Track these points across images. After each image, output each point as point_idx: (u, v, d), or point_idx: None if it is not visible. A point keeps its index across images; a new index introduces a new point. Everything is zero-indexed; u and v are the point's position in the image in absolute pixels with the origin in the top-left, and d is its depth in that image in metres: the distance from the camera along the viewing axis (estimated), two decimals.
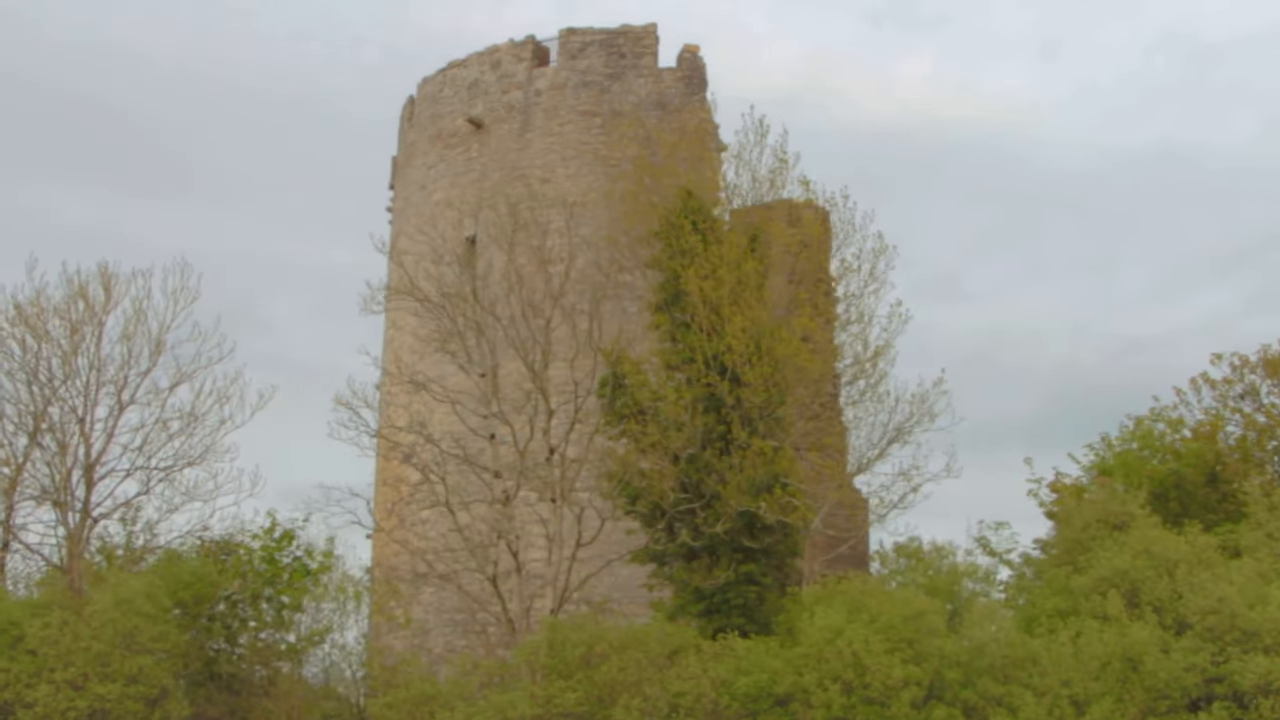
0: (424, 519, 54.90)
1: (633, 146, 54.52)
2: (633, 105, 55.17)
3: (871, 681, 36.24)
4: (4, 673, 42.91)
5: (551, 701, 39.03)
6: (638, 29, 56.06)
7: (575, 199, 54.03)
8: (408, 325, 57.43)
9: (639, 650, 39.68)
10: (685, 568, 44.10)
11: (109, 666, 42.78)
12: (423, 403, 55.58)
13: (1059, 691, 36.05)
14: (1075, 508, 43.63)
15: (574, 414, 45.11)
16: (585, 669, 39.80)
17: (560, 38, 56.59)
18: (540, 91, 56.08)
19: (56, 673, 42.52)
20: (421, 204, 58.20)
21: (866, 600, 38.53)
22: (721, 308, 43.97)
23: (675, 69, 55.67)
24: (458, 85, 58.14)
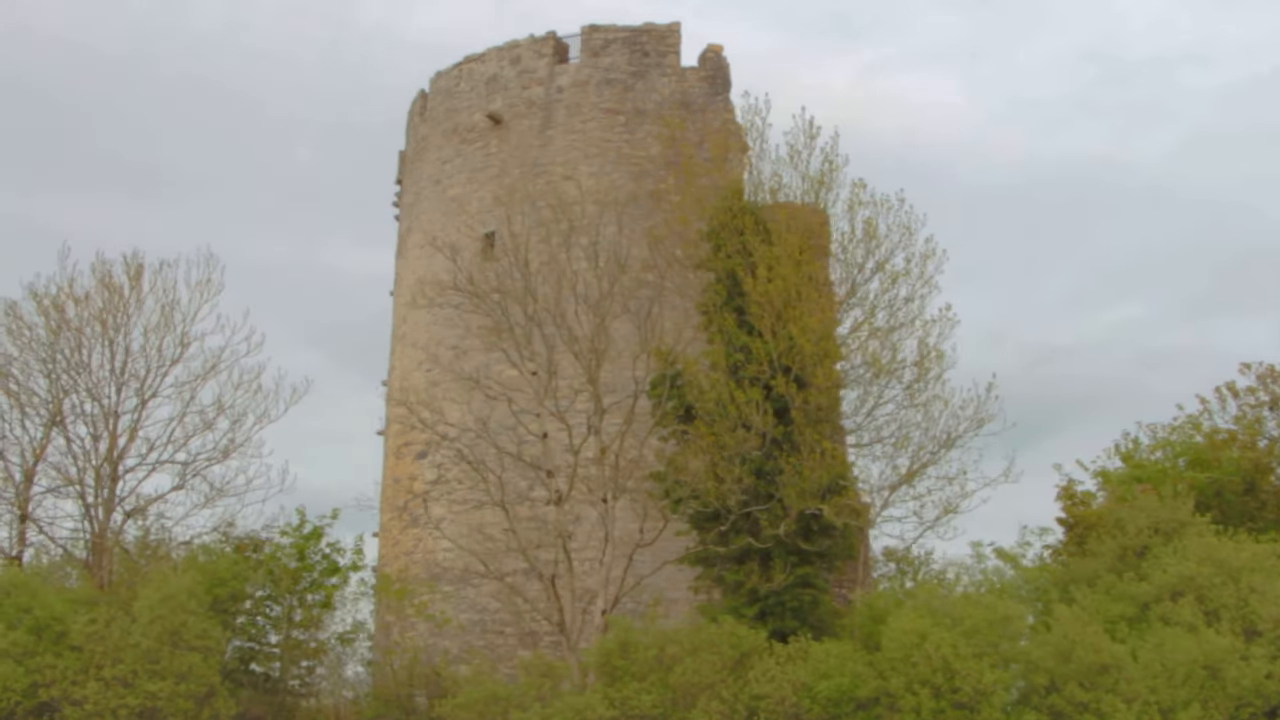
0: (439, 518, 54.36)
1: (657, 145, 54.44)
2: (656, 104, 55.00)
3: (962, 686, 36.38)
4: (50, 669, 42.09)
5: (626, 703, 38.90)
6: (661, 27, 55.92)
7: (599, 197, 53.70)
8: (420, 322, 56.89)
9: (711, 653, 39.60)
10: (738, 570, 44.11)
11: (158, 664, 42.10)
12: (439, 398, 55.20)
13: (1147, 698, 36.33)
14: (1127, 515, 43.95)
15: (628, 413, 44.74)
16: (658, 671, 39.67)
17: (583, 34, 56.29)
18: (562, 88, 55.77)
19: (105, 670, 41.78)
20: (436, 199, 57.70)
21: (950, 605, 38.68)
22: (785, 308, 44.02)
23: (699, 69, 55.54)
24: (475, 80, 57.67)
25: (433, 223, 57.56)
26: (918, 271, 45.39)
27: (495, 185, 55.98)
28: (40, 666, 42.10)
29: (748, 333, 44.95)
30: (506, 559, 51.90)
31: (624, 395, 45.89)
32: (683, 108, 55.01)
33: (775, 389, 43.27)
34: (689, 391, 44.68)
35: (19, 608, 43.25)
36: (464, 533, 53.36)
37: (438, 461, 55.19)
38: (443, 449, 54.98)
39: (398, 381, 58.14)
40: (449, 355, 55.56)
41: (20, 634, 42.36)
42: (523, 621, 51.81)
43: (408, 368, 57.47)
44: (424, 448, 55.74)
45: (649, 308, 45.74)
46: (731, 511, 42.80)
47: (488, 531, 52.88)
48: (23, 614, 43.15)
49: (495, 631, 52.01)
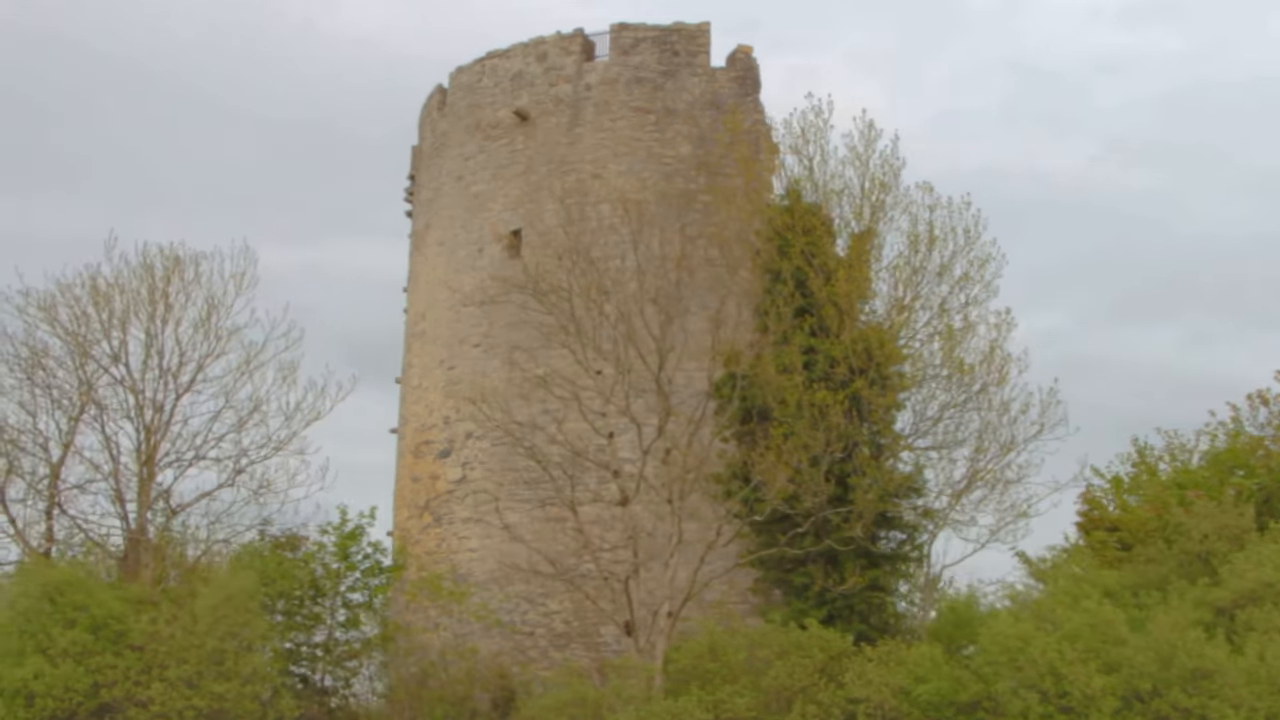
0: (465, 518, 53.73)
1: (687, 145, 54.24)
2: (687, 104, 54.73)
3: (1070, 690, 36.42)
4: (110, 669, 41.19)
5: (721, 707, 38.66)
6: (691, 27, 55.66)
7: (629, 195, 53.38)
8: (443, 319, 56.24)
9: (802, 656, 39.48)
10: (805, 572, 44.03)
11: (223, 665, 41.31)
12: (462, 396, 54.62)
13: (1253, 704, 36.58)
14: (1191, 521, 44.30)
15: (696, 414, 44.44)
16: (749, 674, 39.48)
17: (612, 33, 55.84)
18: (591, 86, 55.33)
19: (169, 670, 40.92)
20: (458, 195, 57.01)
21: (1047, 608, 38.77)
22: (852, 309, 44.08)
23: (729, 69, 55.35)
24: (499, 76, 57.08)
25: (454, 219, 56.89)
26: (978, 275, 45.39)
27: (521, 182, 55.44)
28: (101, 666, 41.24)
29: (812, 334, 44.81)
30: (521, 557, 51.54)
31: (686, 395, 45.49)
32: (713, 108, 54.78)
33: (854, 389, 43.14)
34: (758, 393, 44.42)
35: (75, 606, 42.21)
36: (492, 533, 52.77)
37: (463, 460, 54.52)
38: (466, 448, 54.44)
39: (416, 379, 57.35)
40: (474, 354, 54.91)
41: (78, 633, 41.38)
42: (553, 624, 51.30)
43: (427, 365, 56.71)
44: (446, 446, 55.06)
45: (719, 306, 45.41)
46: (810, 514, 42.57)
47: (516, 532, 52.44)
48: (79, 612, 42.13)
49: (524, 633, 51.43)
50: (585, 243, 49.36)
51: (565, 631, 51.17)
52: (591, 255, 52.38)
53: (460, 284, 56.08)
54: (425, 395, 56.45)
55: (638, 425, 44.10)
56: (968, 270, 45.14)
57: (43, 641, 41.32)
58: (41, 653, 41.10)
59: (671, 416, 44.68)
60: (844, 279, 44.39)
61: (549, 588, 51.13)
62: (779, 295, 45.44)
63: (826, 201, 46.50)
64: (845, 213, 46.49)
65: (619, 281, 46.61)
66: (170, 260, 48.86)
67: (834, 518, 43.35)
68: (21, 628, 41.74)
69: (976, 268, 45.14)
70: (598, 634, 50.97)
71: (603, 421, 45.38)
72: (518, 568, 47.93)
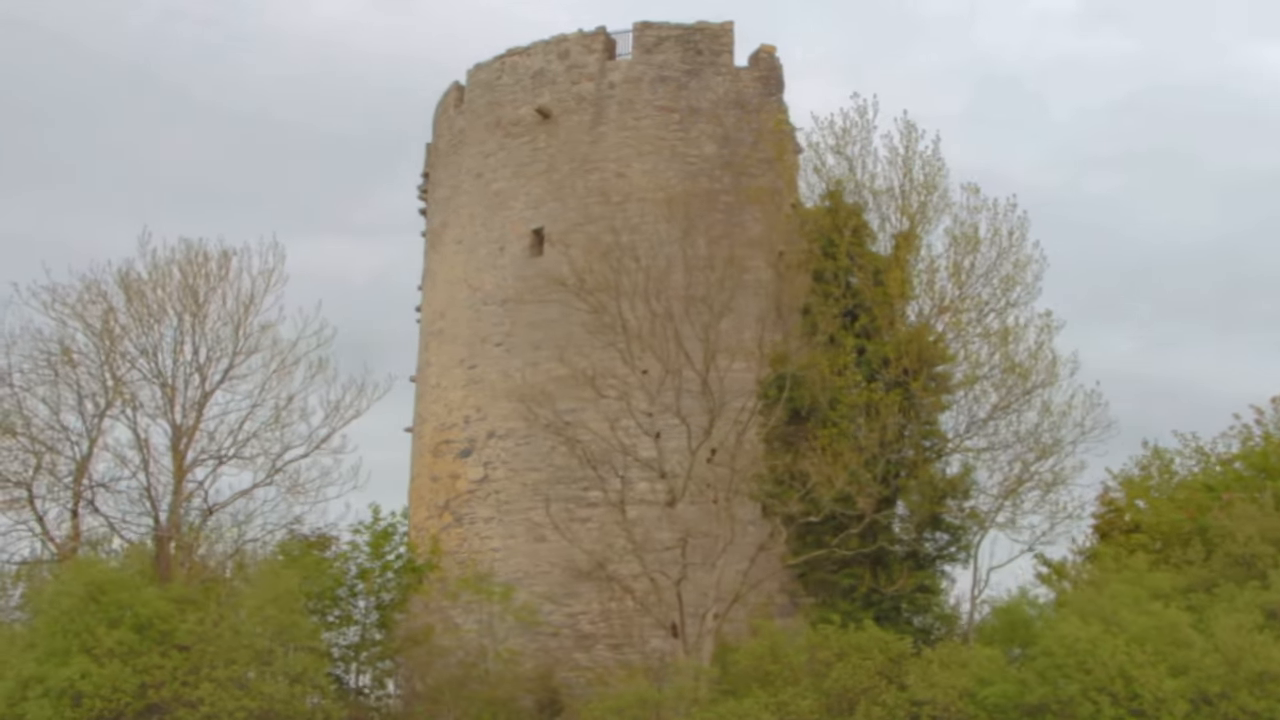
0: (487, 518, 53.34)
1: (711, 145, 54.09)
2: (711, 103, 54.55)
3: (1141, 693, 36.51)
4: (158, 669, 40.67)
5: (785, 708, 38.52)
6: (714, 26, 55.50)
7: (651, 194, 53.23)
8: (463, 318, 55.82)
9: (862, 657, 39.40)
10: (852, 574, 43.99)
11: (272, 664, 40.84)
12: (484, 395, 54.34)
13: None
14: (1234, 524, 44.49)
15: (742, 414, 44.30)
16: (810, 675, 39.36)
17: (634, 31, 55.59)
18: (614, 84, 55.05)
19: (218, 670, 40.39)
20: (478, 192, 56.59)
21: (1111, 611, 38.84)
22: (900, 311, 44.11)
23: (753, 69, 55.20)
24: (519, 73, 56.70)
25: (474, 217, 56.48)
26: (1021, 276, 45.45)
27: (544, 180, 55.11)
28: (148, 666, 40.72)
29: (858, 335, 44.78)
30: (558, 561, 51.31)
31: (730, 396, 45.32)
32: (737, 107, 54.67)
33: (908, 388, 43.15)
34: (805, 393, 44.35)
35: (119, 605, 41.64)
36: (515, 533, 52.49)
37: (484, 460, 54.13)
38: (488, 448, 54.07)
39: (434, 378, 56.88)
40: (496, 353, 54.54)
41: (123, 633, 40.81)
42: (579, 625, 50.98)
43: (446, 364, 56.24)
44: (467, 446, 54.65)
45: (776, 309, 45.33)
46: (861, 515, 42.53)
47: (540, 532, 52.18)
48: (123, 612, 41.54)
49: (549, 634, 51.03)
50: (625, 241, 49.06)
51: (591, 632, 50.85)
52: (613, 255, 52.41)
53: (481, 282, 55.69)
54: (444, 394, 55.95)
55: (687, 424, 43.86)
56: (1011, 272, 45.08)
57: (87, 641, 40.78)
58: (86, 652, 40.55)
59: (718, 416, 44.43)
60: (892, 280, 44.28)
61: (574, 588, 50.88)
62: (824, 296, 45.26)
63: (871, 202, 46.33)
64: (886, 213, 46.29)
65: (663, 281, 46.28)
66: (201, 256, 48.28)
67: (882, 519, 43.24)
68: (65, 627, 41.13)
69: (1020, 269, 45.15)
70: (625, 635, 50.68)
71: (649, 421, 44.99)
72: (573, 567, 47.38)
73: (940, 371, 44.39)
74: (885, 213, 46.56)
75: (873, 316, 44.80)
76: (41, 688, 40.09)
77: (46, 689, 40.02)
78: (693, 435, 44.02)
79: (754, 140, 54.21)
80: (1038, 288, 45.64)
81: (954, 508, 43.56)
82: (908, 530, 43.24)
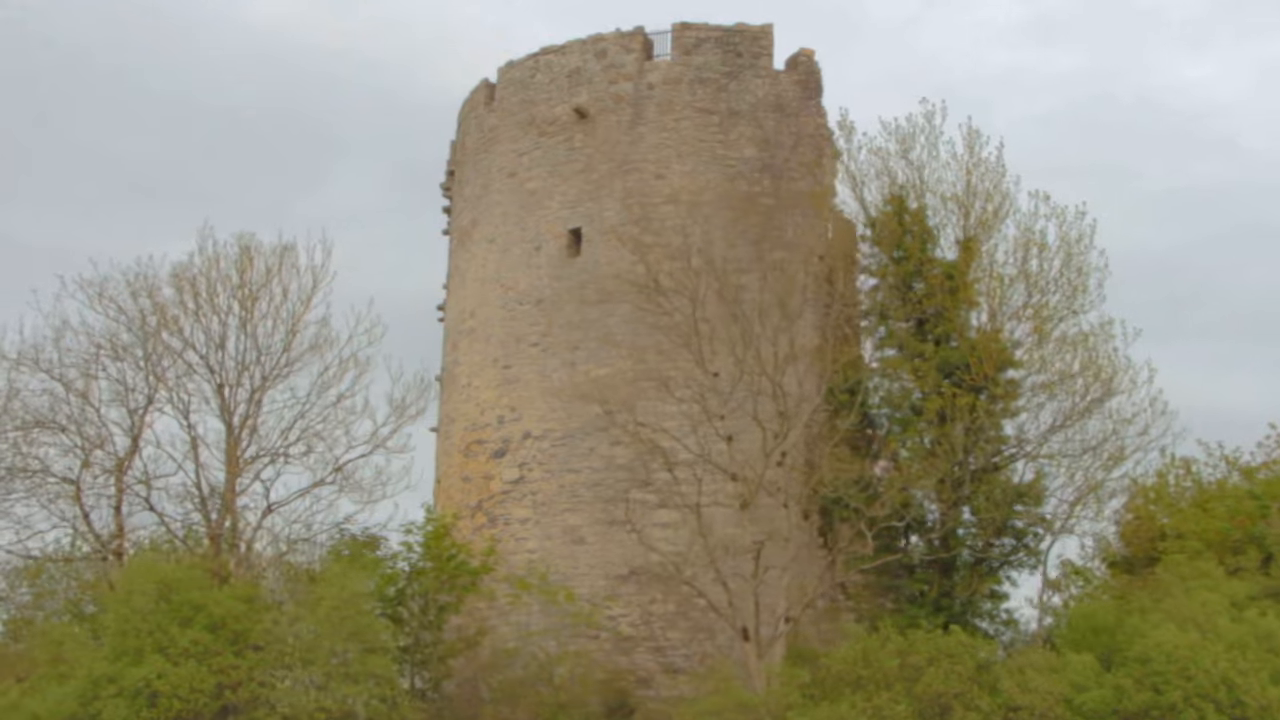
0: (523, 519, 52.94)
1: (751, 148, 54.02)
2: (750, 105, 54.42)
3: (1245, 700, 36.70)
4: (233, 669, 40.04)
5: (880, 713, 38.41)
6: (754, 28, 55.36)
7: (692, 196, 53.14)
8: (496, 317, 55.38)
9: (952, 662, 39.39)
10: (922, 578, 44.05)
11: (349, 666, 40.32)
12: (518, 395, 53.96)
13: None
14: None
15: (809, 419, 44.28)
16: (902, 680, 39.31)
17: (673, 32, 55.35)
18: (653, 85, 54.80)
19: (296, 671, 39.84)
20: (510, 191, 56.16)
21: (1206, 618, 39.03)
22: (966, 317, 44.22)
23: (791, 72, 55.14)
24: (554, 72, 56.33)
25: (507, 215, 56.07)
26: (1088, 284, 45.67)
27: (581, 180, 54.77)
28: (223, 667, 40.08)
29: (923, 340, 44.84)
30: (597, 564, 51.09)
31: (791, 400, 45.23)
32: (777, 110, 54.59)
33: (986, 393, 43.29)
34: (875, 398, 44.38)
35: (191, 605, 40.99)
36: (552, 534, 52.16)
37: (520, 461, 53.72)
38: (524, 449, 53.69)
39: (465, 377, 56.37)
40: (532, 352, 54.17)
41: (196, 632, 40.19)
42: (619, 628, 50.70)
43: (478, 363, 55.74)
44: (501, 446, 54.21)
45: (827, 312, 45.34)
46: (938, 521, 42.61)
47: (579, 534, 51.91)
48: (195, 611, 40.90)
49: (589, 636, 50.70)
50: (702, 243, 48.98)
51: (632, 635, 50.56)
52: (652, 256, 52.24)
53: (514, 281, 55.27)
54: (476, 394, 55.44)
55: (763, 428, 43.71)
56: (1076, 279, 45.24)
57: (160, 640, 40.10)
58: (160, 652, 39.87)
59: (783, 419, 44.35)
60: (961, 287, 44.39)
61: (615, 591, 50.66)
62: (890, 301, 45.26)
63: (939, 207, 46.39)
64: (948, 219, 46.35)
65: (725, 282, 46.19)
66: (255, 251, 47.64)
67: (949, 524, 43.34)
68: (137, 626, 40.46)
69: (1085, 277, 45.36)
70: (664, 638, 50.52)
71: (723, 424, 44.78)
72: (648, 570, 47.08)
73: (1010, 378, 44.36)
74: (947, 219, 46.41)
75: (942, 322, 44.68)
76: (114, 687, 39.42)
77: (120, 688, 39.35)
78: (759, 439, 43.79)
79: (793, 144, 54.19)
80: (1101, 295, 45.78)
81: (1024, 514, 43.52)
82: (977, 536, 43.09)
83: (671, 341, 45.79)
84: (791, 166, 53.98)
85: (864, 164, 47.50)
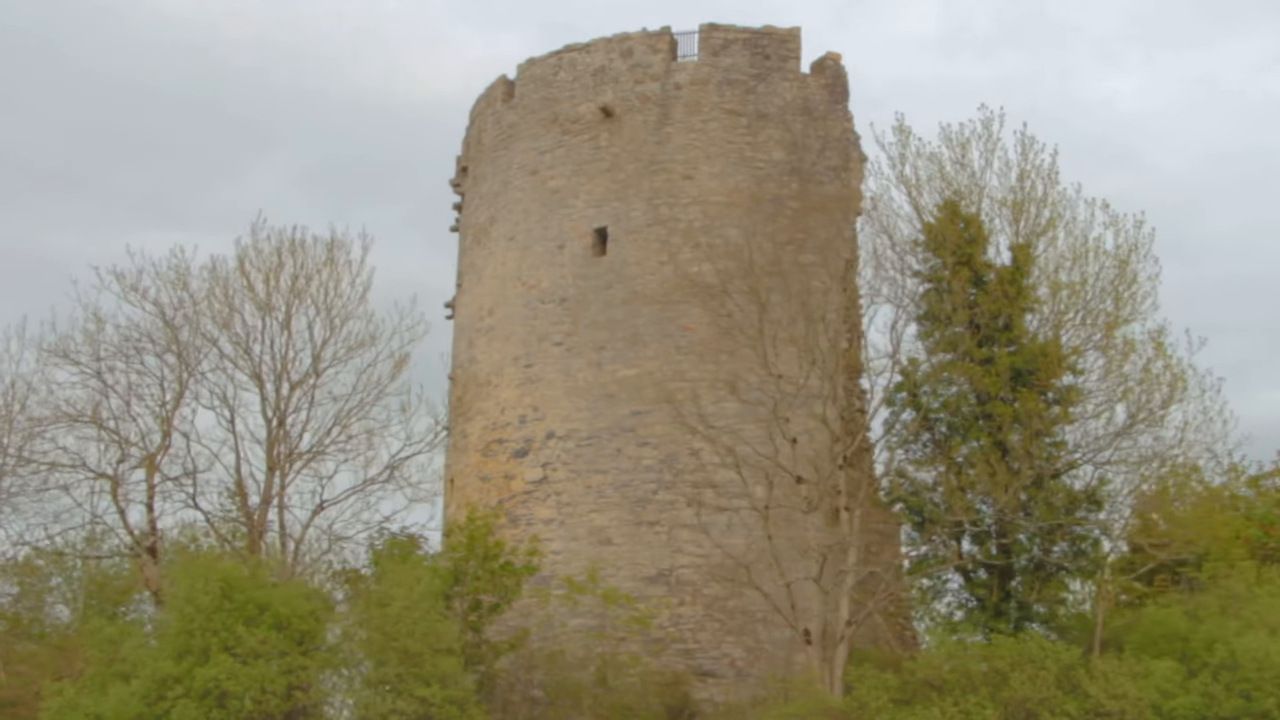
0: (546, 520, 52.35)
1: (779, 150, 53.86)
2: (778, 108, 54.21)
3: None
4: (302, 670, 39.24)
5: (969, 717, 38.37)
6: (782, 31, 55.15)
7: (721, 198, 52.93)
8: (517, 315, 54.75)
9: (1035, 667, 39.40)
10: (984, 583, 44.12)
11: (421, 668, 39.60)
12: (542, 395, 53.42)
13: None
14: None
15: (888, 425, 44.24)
16: (987, 685, 39.27)
17: (701, 33, 55.01)
18: (680, 85, 54.43)
19: (370, 673, 39.11)
20: (532, 189, 55.51)
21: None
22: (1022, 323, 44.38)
23: (819, 75, 55.02)
24: (578, 69, 55.80)
25: (529, 213, 55.46)
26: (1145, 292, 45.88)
27: (606, 179, 54.28)
28: (293, 667, 39.21)
29: (980, 345, 44.86)
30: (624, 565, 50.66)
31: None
32: (804, 114, 54.43)
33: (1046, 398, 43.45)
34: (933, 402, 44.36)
35: (256, 604, 40.08)
36: (578, 535, 51.66)
37: (543, 461, 53.12)
38: (547, 448, 53.14)
39: (483, 375, 55.62)
40: (556, 352, 53.61)
41: (263, 632, 39.31)
42: (648, 630, 50.22)
43: (497, 362, 55.03)
44: (523, 445, 53.57)
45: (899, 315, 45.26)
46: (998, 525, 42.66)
47: (605, 535, 51.48)
48: (259, 610, 39.99)
49: (618, 638, 50.17)
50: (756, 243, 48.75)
51: (660, 638, 50.09)
52: (680, 257, 52.05)
53: (537, 280, 54.66)
54: (495, 392, 54.69)
55: (829, 429, 43.56)
56: (1133, 288, 45.46)
57: (226, 640, 39.14)
58: (226, 651, 38.93)
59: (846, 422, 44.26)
60: (1020, 292, 44.49)
61: (643, 593, 50.21)
62: (947, 307, 45.18)
63: (993, 213, 46.43)
64: (1002, 225, 46.45)
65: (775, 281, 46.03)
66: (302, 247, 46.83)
67: (1011, 528, 43.39)
68: (202, 625, 39.48)
69: (1140, 286, 45.57)
70: (694, 641, 50.18)
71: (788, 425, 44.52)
72: (723, 575, 46.60)
73: (1072, 384, 44.52)
74: (1002, 225, 46.49)
75: (1002, 327, 44.71)
76: (182, 687, 38.43)
77: (188, 689, 38.37)
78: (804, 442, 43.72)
79: (820, 148, 54.07)
80: (1154, 304, 46.01)
81: (1085, 519, 43.68)
82: (1036, 541, 43.20)
83: (737, 342, 45.45)
84: (819, 170, 53.83)
85: (918, 169, 47.15)
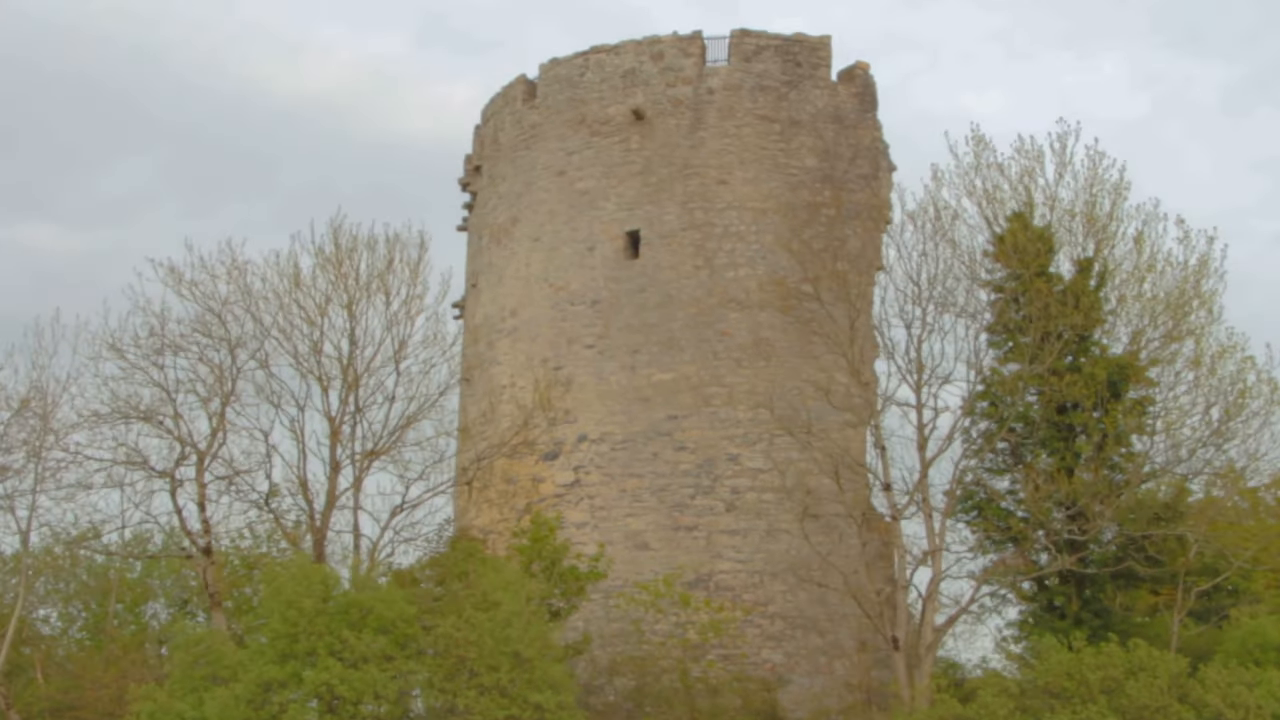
0: (579, 523, 51.70)
1: (812, 157, 53.88)
2: (810, 116, 54.24)
3: None
4: (412, 675, 38.26)
5: None
6: (813, 39, 55.17)
7: (756, 203, 52.84)
8: (544, 317, 54.04)
9: (1149, 676, 39.61)
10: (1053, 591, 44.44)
11: (532, 673, 38.79)
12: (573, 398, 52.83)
13: None
14: None
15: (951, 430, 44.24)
16: (1104, 694, 39.39)
17: (732, 38, 54.82)
18: (713, 90, 54.18)
19: (482, 677, 38.20)
20: (559, 190, 54.85)
21: None
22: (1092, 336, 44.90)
23: (849, 84, 55.10)
24: (606, 71, 55.23)
25: (555, 214, 54.80)
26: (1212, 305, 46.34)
27: (638, 182, 53.92)
28: (402, 672, 38.11)
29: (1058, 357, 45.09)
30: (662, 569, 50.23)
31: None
32: (835, 122, 54.52)
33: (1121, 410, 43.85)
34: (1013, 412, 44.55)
35: (360, 608, 38.95)
36: (613, 539, 51.10)
37: (574, 464, 52.47)
38: (579, 451, 52.53)
39: (506, 378, 54.76)
40: (587, 355, 53.02)
41: (369, 636, 38.21)
42: (686, 634, 49.83)
43: (522, 364, 54.24)
44: (553, 448, 52.84)
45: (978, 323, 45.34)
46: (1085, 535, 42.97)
47: (642, 539, 51.07)
48: (363, 614, 38.88)
49: (652, 642, 49.77)
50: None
51: (699, 642, 49.63)
52: (716, 262, 51.87)
53: (565, 282, 54.04)
54: (521, 395, 53.80)
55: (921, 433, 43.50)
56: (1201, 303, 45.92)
57: (332, 643, 37.96)
58: (333, 655, 37.77)
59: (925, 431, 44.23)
60: (1094, 304, 44.83)
61: (681, 597, 49.78)
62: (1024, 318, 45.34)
63: (1063, 225, 46.69)
64: (1073, 238, 46.71)
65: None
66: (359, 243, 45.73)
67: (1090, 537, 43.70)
68: (305, 629, 38.26)
69: (1212, 299, 46.04)
70: (734, 646, 49.89)
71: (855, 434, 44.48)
72: (808, 579, 46.26)
73: (1148, 396, 44.95)
74: (1072, 238, 46.74)
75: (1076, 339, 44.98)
76: (286, 693, 37.22)
77: (297, 693, 37.18)
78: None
79: (851, 156, 54.21)
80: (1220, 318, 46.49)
81: (1164, 529, 44.09)
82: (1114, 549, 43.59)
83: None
84: (851, 179, 54.02)
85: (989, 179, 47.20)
